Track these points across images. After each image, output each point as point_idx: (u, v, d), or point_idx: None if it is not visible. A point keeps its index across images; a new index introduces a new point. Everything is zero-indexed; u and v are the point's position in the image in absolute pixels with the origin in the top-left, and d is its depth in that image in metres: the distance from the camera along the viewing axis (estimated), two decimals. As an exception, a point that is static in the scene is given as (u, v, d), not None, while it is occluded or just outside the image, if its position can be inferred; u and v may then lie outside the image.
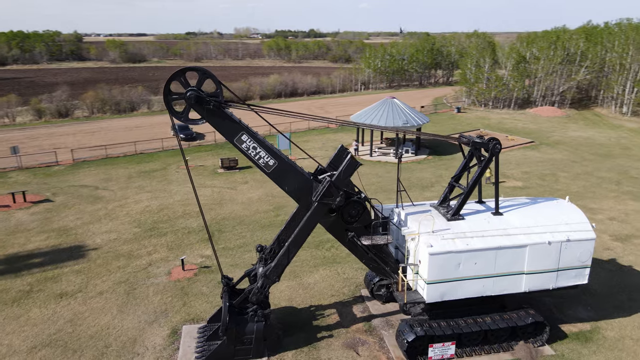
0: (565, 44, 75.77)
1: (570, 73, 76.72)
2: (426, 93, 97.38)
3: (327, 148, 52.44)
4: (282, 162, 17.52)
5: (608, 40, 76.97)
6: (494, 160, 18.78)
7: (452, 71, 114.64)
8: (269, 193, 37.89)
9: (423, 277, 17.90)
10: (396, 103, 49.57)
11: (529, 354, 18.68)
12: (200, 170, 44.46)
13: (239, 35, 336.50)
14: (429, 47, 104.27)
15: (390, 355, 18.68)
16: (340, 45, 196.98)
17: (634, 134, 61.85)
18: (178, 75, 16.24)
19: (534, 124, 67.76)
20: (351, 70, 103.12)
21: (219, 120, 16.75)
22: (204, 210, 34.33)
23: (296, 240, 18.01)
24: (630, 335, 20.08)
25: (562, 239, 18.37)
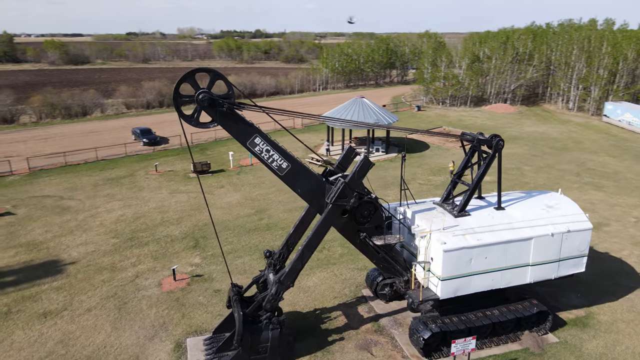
0: (514, 44, 79.43)
1: (520, 72, 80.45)
2: (384, 92, 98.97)
3: (296, 149, 52.04)
4: (295, 164, 17.14)
5: (552, 40, 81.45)
6: (497, 156, 19.26)
7: (406, 70, 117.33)
8: (247, 197, 37.10)
9: (436, 274, 18.07)
10: (366, 102, 49.98)
11: (536, 342, 19.33)
12: (171, 175, 42.85)
13: (183, 36, 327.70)
14: (384, 47, 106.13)
15: (404, 354, 18.73)
16: (292, 46, 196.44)
17: (582, 128, 65.72)
18: (188, 77, 15.50)
19: (490, 120, 70.48)
20: (309, 71, 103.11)
21: (232, 123, 16.15)
22: (182, 217, 33.23)
23: (311, 243, 17.66)
24: (621, 319, 21.24)
25: (563, 230, 19.13)
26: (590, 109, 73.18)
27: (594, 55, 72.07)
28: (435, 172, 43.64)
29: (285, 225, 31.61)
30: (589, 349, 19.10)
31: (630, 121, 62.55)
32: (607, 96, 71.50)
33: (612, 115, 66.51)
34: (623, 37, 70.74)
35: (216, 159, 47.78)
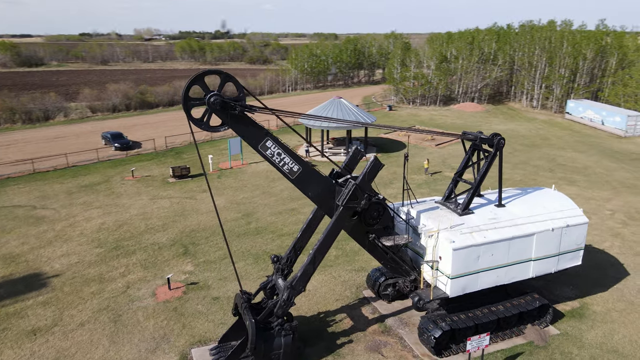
0: (480, 44, 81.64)
1: (485, 71, 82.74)
2: (354, 92, 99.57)
3: (275, 151, 51.47)
4: (306, 167, 16.88)
5: (515, 40, 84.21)
6: (499, 154, 19.62)
7: (373, 71, 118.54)
8: (232, 200, 36.41)
9: (445, 272, 18.24)
10: (344, 103, 50.11)
11: (539, 335, 19.83)
12: (149, 180, 41.53)
13: (140, 37, 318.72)
14: (352, 48, 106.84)
15: (415, 354, 18.80)
16: (256, 47, 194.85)
17: (547, 125, 68.26)
18: (198, 79, 14.99)
19: (460, 119, 72.11)
20: (277, 72, 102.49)
21: (243, 127, 15.75)
22: (167, 223, 32.21)
23: (322, 246, 17.46)
24: (613, 308, 22.10)
25: (562, 225, 19.71)
26: (553, 106, 76.12)
27: (555, 55, 75.00)
28: (415, 171, 44.20)
29: (274, 228, 31.21)
30: (589, 339, 19.75)
31: (592, 118, 65.44)
32: (569, 94, 74.57)
33: (575, 112, 69.38)
34: (581, 38, 73.95)
35: (194, 162, 46.67)
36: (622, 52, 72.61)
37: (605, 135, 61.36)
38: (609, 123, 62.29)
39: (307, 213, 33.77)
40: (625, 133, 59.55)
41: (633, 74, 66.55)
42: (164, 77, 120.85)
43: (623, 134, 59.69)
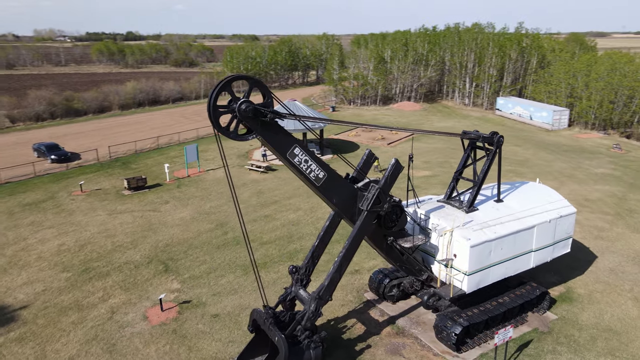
0: (414, 45, 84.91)
1: (420, 71, 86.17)
2: (292, 94, 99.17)
3: (230, 157, 50.00)
4: (331, 173, 16.44)
5: (444, 42, 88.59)
6: (498, 151, 20.40)
7: (307, 72, 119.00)
8: (199, 211, 34.71)
9: (462, 269, 18.64)
10: (299, 105, 49.70)
11: (542, 322, 20.92)
12: (101, 194, 38.44)
13: (41, 38, 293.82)
14: (287, 50, 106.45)
15: (435, 352, 19.04)
16: (181, 49, 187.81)
17: (481, 121, 72.50)
18: (227, 86, 14.02)
19: (402, 117, 74.53)
20: (212, 75, 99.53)
21: (273, 134, 14.99)
22: (136, 239, 29.94)
23: (348, 253, 17.10)
24: (595, 289, 23.89)
25: (556, 216, 20.96)
26: (484, 103, 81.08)
27: (483, 55, 79.94)
28: (372, 172, 44.89)
29: (253, 237, 30.16)
30: (584, 321, 21.17)
31: (521, 114, 70.55)
32: (498, 92, 79.81)
33: (504, 109, 74.40)
34: (505, 39, 79.45)
35: (146, 172, 43.95)
36: (541, 53, 79.01)
37: (534, 129, 66.41)
38: (537, 118, 67.48)
39: (281, 219, 33.08)
40: (552, 127, 64.86)
41: (553, 72, 72.65)
42: (84, 82, 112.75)
43: (550, 128, 64.97)
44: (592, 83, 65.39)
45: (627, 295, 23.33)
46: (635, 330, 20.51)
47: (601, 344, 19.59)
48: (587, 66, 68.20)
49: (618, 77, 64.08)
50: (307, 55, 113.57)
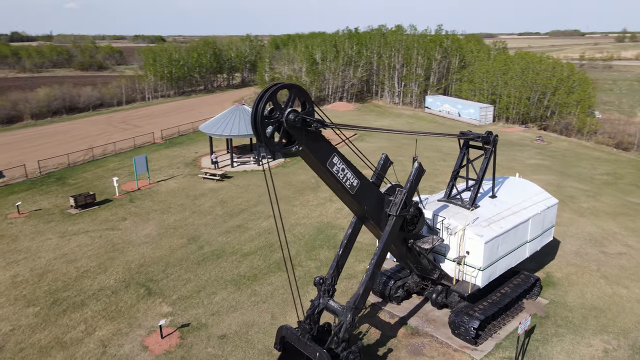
0: (344, 47, 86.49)
1: (350, 72, 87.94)
2: (221, 97, 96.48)
3: (177, 165, 47.50)
4: (363, 180, 16.20)
5: (370, 43, 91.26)
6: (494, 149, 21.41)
7: (233, 74, 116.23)
8: (164, 225, 32.54)
9: (476, 265, 19.34)
10: (247, 109, 48.40)
11: (538, 307, 22.36)
12: (43, 215, 34.56)
13: None
14: (211, 52, 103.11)
15: (454, 348, 19.57)
16: (86, 51, 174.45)
17: (414, 119, 75.84)
18: (274, 95, 13.22)
19: (338, 118, 75.34)
20: (133, 79, 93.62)
21: (316, 144, 14.40)
22: (103, 263, 27.23)
23: (380, 260, 16.97)
24: (569, 272, 26.00)
25: (543, 207, 22.50)
26: (413, 102, 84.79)
27: (409, 56, 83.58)
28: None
29: (232, 249, 28.94)
30: (571, 302, 22.97)
31: (449, 111, 74.81)
32: (426, 91, 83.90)
33: (433, 106, 78.41)
34: (430, 41, 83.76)
35: (88, 187, 40.29)
36: (462, 54, 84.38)
37: (464, 125, 70.62)
38: (465, 114, 71.96)
39: (255, 228, 32.07)
40: (480, 122, 69.56)
41: (476, 71, 77.93)
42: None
43: (478, 123, 69.62)
44: (510, 81, 71.14)
45: (597, 275, 25.69)
46: (616, 306, 22.65)
47: (593, 322, 21.39)
48: (504, 66, 74.03)
49: (531, 75, 70.33)
50: (232, 57, 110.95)
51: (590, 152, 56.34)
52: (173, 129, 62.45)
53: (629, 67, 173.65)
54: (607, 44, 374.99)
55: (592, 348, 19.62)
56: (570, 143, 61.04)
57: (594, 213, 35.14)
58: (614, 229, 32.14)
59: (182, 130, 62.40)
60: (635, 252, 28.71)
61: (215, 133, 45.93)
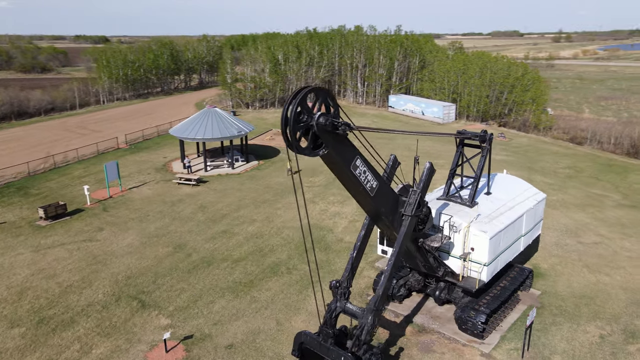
0: (306, 47, 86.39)
1: (313, 73, 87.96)
2: (182, 99, 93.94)
3: (148, 171, 45.81)
4: (381, 181, 16.23)
5: (331, 43, 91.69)
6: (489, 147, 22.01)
7: (190, 76, 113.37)
8: (146, 234, 31.29)
9: (482, 261, 19.85)
10: (219, 112, 47.42)
11: (532, 298, 23.23)
12: (10, 229, 32.34)
13: None
14: (169, 53, 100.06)
15: (462, 342, 20.00)
16: (27, 53, 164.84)
17: (379, 118, 76.82)
18: (304, 99, 12.95)
19: (304, 119, 75.38)
20: (86, 82, 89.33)
21: (343, 147, 14.28)
22: (87, 276, 25.83)
23: (397, 260, 17.04)
24: (554, 263, 27.19)
25: (534, 202, 23.42)
26: (376, 102, 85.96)
27: (371, 57, 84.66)
28: (313, 174, 44.97)
29: (222, 256, 28.25)
30: (561, 291, 24.04)
31: (413, 110, 76.41)
32: (389, 90, 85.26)
33: (396, 105, 79.83)
34: (390, 42, 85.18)
35: (54, 197, 38.11)
36: (422, 54, 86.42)
37: (428, 124, 72.46)
38: (428, 113, 73.72)
39: (241, 233, 31.45)
40: (443, 120, 71.48)
41: (436, 71, 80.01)
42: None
43: (441, 122, 71.53)
44: (469, 80, 73.59)
45: (579, 264, 27.03)
46: (602, 294, 23.91)
47: (585, 310, 22.48)
48: (463, 65, 76.48)
49: (489, 74, 73.07)
50: (190, 58, 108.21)
51: (549, 147, 59.19)
52: (137, 133, 60.18)
53: (569, 66, 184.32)
54: (545, 44, 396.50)
55: (589, 334, 20.62)
56: (530, 139, 63.85)
57: (564, 205, 36.95)
58: (585, 220, 33.94)
59: (147, 135, 60.26)
60: (609, 240, 30.43)
61: (187, 136, 44.65)
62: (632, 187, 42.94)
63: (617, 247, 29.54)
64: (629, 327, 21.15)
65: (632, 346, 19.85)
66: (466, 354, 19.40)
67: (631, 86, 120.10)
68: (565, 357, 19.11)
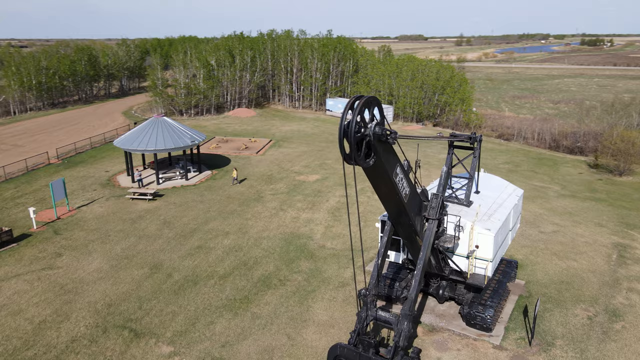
0: (241, 53, 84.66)
1: (249, 78, 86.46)
2: (107, 108, 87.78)
3: (93, 187, 42.34)
4: (412, 186, 16.37)
5: (263, 47, 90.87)
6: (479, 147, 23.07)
7: (110, 82, 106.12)
8: (113, 256, 28.92)
9: (486, 257, 20.77)
10: (169, 122, 45.07)
11: (520, 288, 24.75)
12: (-55, 262, 28.26)
13: None
14: (86, 58, 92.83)
15: (473, 337, 20.79)
16: None
17: (319, 122, 77.45)
18: (363, 109, 12.68)
19: (245, 124, 73.93)
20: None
21: (389, 156, 14.18)
22: (59, 310, 23.88)
23: (425, 263, 17.28)
24: (527, 253, 29.14)
25: (516, 197, 24.96)
26: (313, 105, 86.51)
27: (305, 61, 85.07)
28: (270, 181, 44.25)
29: (206, 273, 26.90)
30: (541, 279, 25.85)
31: (351, 112, 77.84)
32: (325, 94, 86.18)
33: (334, 109, 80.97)
34: (323, 46, 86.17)
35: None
36: (355, 58, 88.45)
37: (368, 126, 74.22)
38: (367, 115, 75.55)
39: (218, 247, 30.17)
40: (382, 122, 73.65)
41: (371, 74, 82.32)
42: None
43: (381, 123, 73.67)
44: (403, 83, 76.71)
45: (548, 253, 29.25)
46: (576, 278, 26.08)
47: (567, 295, 24.38)
48: (396, 68, 79.53)
49: (421, 77, 76.70)
50: (110, 63, 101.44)
51: (484, 144, 63.31)
52: (68, 146, 55.34)
53: (477, 68, 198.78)
54: (450, 47, 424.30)
55: (579, 317, 22.39)
56: (464, 137, 67.95)
57: (516, 198, 39.74)
58: (538, 211, 36.80)
59: (79, 147, 55.63)
60: (564, 228, 33.27)
61: (136, 148, 41.93)
62: (565, 178, 47.33)
63: (573, 234, 32.38)
64: (609, 307, 23.28)
65: (617, 324, 21.87)
66: (480, 347, 20.20)
67: (535, 86, 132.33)
68: (566, 341, 20.59)
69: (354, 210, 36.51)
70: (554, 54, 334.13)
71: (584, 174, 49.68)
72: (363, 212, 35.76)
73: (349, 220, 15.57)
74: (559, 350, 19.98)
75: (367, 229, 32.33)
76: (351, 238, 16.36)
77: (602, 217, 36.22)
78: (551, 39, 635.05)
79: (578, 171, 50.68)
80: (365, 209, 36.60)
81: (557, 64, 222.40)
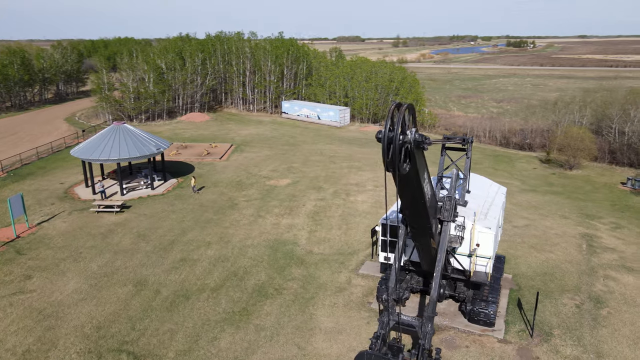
0: (192, 55, 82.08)
1: (200, 81, 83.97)
2: (46, 115, 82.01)
3: (50, 201, 39.48)
4: (433, 190, 16.56)
5: (213, 49, 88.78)
6: (470, 148, 23.80)
7: (46, 87, 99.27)
8: (90, 275, 27.11)
9: (487, 255, 21.50)
10: (130, 129, 42.83)
11: (509, 282, 25.81)
12: None
13: None
14: (19, 61, 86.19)
15: (478, 333, 21.41)
16: None
17: (278, 125, 76.78)
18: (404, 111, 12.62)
19: (202, 129, 71.81)
20: None
21: (422, 162, 14.23)
22: (48, 341, 23.15)
23: (442, 267, 17.54)
24: (507, 247, 30.39)
25: (502, 195, 26.04)
26: (268, 108, 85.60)
27: (258, 63, 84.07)
28: (241, 188, 43.32)
29: (196, 287, 25.86)
30: (526, 272, 27.09)
31: (309, 114, 78.00)
32: (280, 97, 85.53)
33: (290, 111, 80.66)
34: (276, 48, 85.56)
35: (-60, 245, 30.72)
36: (308, 60, 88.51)
37: (327, 128, 74.63)
38: (324, 117, 75.94)
39: (203, 259, 29.12)
40: (340, 124, 74.35)
41: (325, 76, 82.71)
42: None
43: (339, 125, 74.32)
44: (358, 85, 77.79)
45: (526, 246, 30.71)
46: (557, 270, 27.57)
47: (552, 285, 25.72)
48: (350, 70, 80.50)
49: (375, 78, 78.14)
50: (46, 67, 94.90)
51: (440, 143, 65.56)
52: (11, 158, 51.20)
53: (418, 68, 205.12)
54: (387, 48, 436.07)
55: (567, 306, 23.69)
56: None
57: (483, 195, 41.43)
58: (507, 206, 38.52)
59: (25, 159, 51.63)
60: (534, 222, 35.10)
61: (96, 158, 39.51)
62: (523, 174, 49.99)
63: (543, 227, 34.24)
64: (592, 294, 24.82)
65: (603, 310, 23.35)
66: (486, 343, 20.84)
67: (476, 85, 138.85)
68: (563, 330, 21.71)
69: (332, 212, 36.62)
70: (485, 55, 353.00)
71: (538, 169, 52.74)
72: (343, 215, 35.86)
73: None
74: (558, 340, 21.02)
75: (351, 232, 32.44)
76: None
77: (564, 209, 38.59)
78: (479, 40, 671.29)
79: (532, 166, 53.73)
80: (344, 211, 36.71)
81: (490, 64, 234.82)
